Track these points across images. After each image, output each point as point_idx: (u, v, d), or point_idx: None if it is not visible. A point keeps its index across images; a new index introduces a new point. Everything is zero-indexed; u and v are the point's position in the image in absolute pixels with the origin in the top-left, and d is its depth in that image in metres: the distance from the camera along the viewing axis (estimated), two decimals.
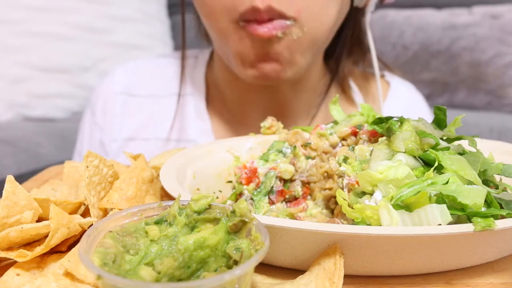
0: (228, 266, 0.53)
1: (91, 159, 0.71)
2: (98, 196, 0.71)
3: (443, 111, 0.79)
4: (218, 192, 0.88)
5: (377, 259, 0.62)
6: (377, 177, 0.66)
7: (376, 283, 0.63)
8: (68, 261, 0.59)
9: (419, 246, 0.60)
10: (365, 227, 0.60)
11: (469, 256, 0.64)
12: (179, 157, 0.85)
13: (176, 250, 0.53)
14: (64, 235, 0.63)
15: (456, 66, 2.91)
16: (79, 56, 2.51)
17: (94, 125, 1.43)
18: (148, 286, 0.46)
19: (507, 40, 2.84)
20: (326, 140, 0.86)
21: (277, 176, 0.85)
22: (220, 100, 1.39)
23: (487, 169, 0.71)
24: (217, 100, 1.40)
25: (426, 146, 0.71)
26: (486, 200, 0.63)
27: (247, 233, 0.54)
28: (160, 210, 0.58)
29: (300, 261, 0.64)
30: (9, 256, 0.61)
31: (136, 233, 0.54)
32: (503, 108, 2.88)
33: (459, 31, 2.91)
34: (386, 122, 0.75)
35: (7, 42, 2.38)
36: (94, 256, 0.49)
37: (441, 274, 0.65)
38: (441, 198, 0.62)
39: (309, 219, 0.79)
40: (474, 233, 0.59)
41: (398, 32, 3.04)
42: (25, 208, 0.63)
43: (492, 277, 0.65)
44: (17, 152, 2.07)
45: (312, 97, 1.38)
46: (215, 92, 1.40)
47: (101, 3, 2.57)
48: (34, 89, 2.41)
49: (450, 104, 2.93)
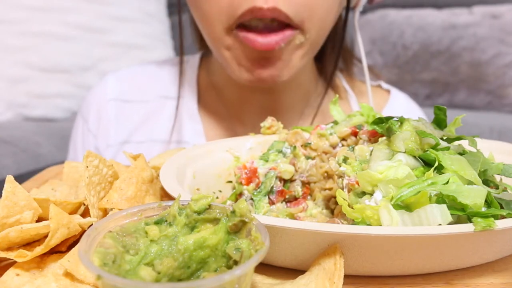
0: (228, 266, 0.54)
1: (91, 159, 0.71)
2: (98, 196, 0.72)
3: (443, 111, 0.79)
4: (218, 192, 0.88)
5: (377, 259, 0.62)
6: (377, 177, 0.66)
7: (376, 283, 0.63)
8: (68, 261, 0.59)
9: (419, 246, 0.60)
10: (365, 227, 0.60)
11: (469, 256, 0.64)
12: (179, 157, 0.85)
13: (176, 250, 0.53)
14: (64, 235, 0.63)
15: (456, 66, 2.91)
16: (79, 56, 2.51)
17: (87, 132, 1.45)
18: (148, 286, 0.46)
19: (507, 40, 2.84)
20: (326, 140, 0.86)
21: (277, 176, 0.85)
22: (215, 100, 1.41)
23: (487, 169, 0.71)
24: (211, 101, 1.42)
25: (426, 146, 0.71)
26: (486, 200, 0.63)
27: (247, 233, 0.54)
28: (160, 210, 0.58)
29: (300, 261, 0.64)
30: (9, 256, 0.61)
31: (136, 233, 0.54)
32: (504, 108, 2.88)
33: (459, 31, 2.92)
34: (386, 122, 0.75)
35: (7, 42, 2.38)
36: (94, 256, 0.49)
37: (441, 274, 0.65)
38: (441, 198, 0.62)
39: (309, 219, 0.80)
40: (474, 233, 0.59)
41: (399, 32, 3.04)
42: (25, 208, 0.64)
43: (492, 277, 0.65)
44: (17, 152, 2.07)
45: (306, 97, 1.40)
46: (209, 93, 1.43)
47: (101, 3, 2.57)
48: (34, 89, 2.42)
49: (450, 104, 2.93)
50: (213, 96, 1.42)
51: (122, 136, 1.41)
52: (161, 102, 1.43)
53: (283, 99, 1.35)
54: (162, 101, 1.43)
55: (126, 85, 1.47)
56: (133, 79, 1.49)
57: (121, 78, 1.49)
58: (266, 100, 1.34)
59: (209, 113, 1.41)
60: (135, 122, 1.42)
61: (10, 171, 1.92)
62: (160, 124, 1.41)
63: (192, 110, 1.40)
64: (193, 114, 1.39)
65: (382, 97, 1.50)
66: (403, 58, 3.01)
